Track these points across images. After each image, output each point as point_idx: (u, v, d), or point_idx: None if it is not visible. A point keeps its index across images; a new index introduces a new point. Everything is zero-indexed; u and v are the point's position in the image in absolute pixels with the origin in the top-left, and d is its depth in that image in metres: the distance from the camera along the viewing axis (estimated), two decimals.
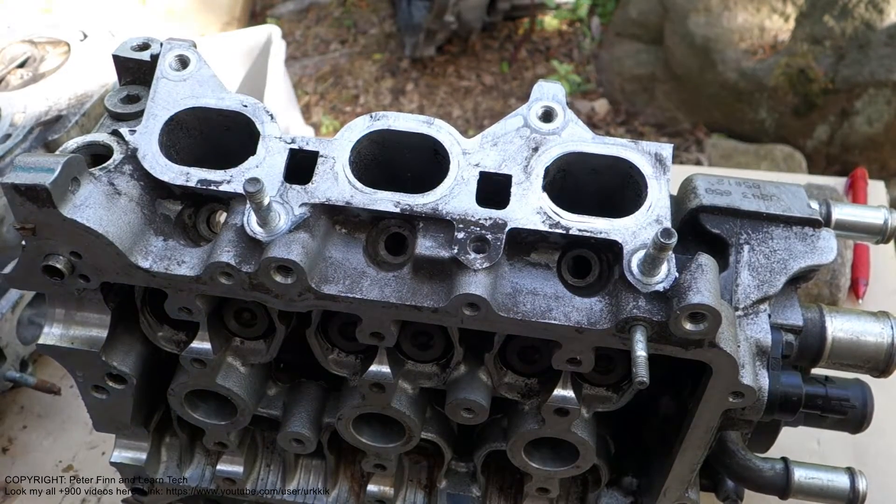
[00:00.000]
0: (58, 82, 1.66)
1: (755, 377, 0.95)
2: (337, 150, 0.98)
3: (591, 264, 0.97)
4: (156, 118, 1.01)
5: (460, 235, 0.92)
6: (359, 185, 0.96)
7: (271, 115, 1.01)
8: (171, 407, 1.19)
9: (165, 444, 1.29)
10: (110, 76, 1.66)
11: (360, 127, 0.99)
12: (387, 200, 0.95)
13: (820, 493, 1.14)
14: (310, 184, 0.96)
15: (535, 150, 0.97)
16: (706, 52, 4.07)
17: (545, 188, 0.95)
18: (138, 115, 1.05)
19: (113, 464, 1.25)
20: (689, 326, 0.86)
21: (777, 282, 1.00)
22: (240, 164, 0.98)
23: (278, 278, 0.92)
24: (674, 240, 0.83)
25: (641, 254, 0.90)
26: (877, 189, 2.09)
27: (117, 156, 1.00)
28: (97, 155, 1.01)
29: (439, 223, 0.94)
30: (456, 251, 0.91)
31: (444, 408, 1.10)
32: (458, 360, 1.06)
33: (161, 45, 1.06)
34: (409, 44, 4.83)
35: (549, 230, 0.93)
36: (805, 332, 1.05)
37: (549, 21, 4.98)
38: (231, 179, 0.97)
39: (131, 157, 0.99)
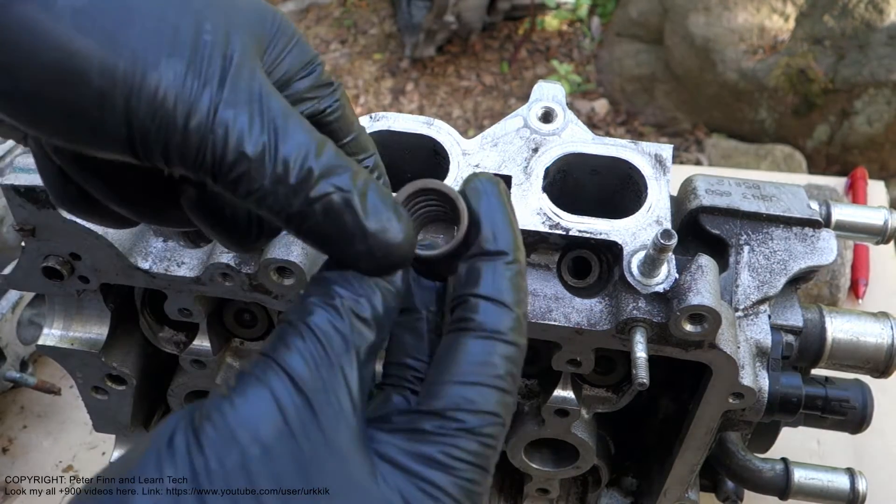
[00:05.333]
0: None
1: (755, 378, 0.95)
2: None
3: (590, 265, 0.97)
4: None
5: None
6: None
7: None
8: (171, 408, 1.19)
9: None
10: None
11: None
12: None
13: (820, 494, 1.14)
14: None
15: (535, 150, 0.97)
16: (706, 52, 4.07)
17: (545, 189, 0.95)
18: None
19: None
20: (688, 328, 0.86)
21: (777, 283, 1.00)
22: None
23: (278, 279, 0.92)
24: (674, 241, 0.83)
25: (641, 255, 0.89)
26: (877, 189, 2.08)
27: None
28: None
29: None
30: None
31: None
32: None
33: None
34: (409, 44, 4.82)
35: (549, 231, 0.93)
36: (805, 333, 1.05)
37: (549, 21, 4.98)
38: None
39: None
